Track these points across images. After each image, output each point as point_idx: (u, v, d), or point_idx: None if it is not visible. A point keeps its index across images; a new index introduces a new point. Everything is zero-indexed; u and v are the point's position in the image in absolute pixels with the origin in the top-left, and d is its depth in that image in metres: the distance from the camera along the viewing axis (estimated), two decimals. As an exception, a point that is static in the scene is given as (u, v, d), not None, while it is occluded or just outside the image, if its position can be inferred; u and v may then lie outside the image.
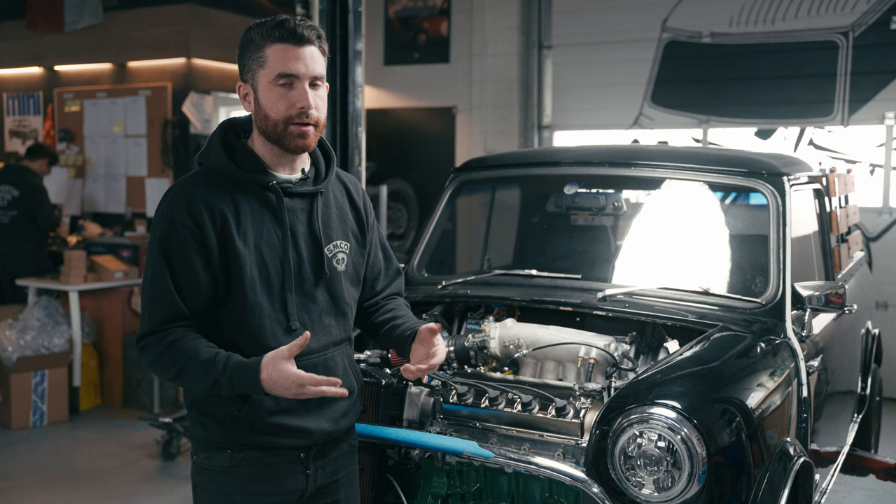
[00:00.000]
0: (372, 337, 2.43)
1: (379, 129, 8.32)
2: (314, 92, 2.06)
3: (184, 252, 2.00)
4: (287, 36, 2.02)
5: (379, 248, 2.39)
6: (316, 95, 2.06)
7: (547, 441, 2.60)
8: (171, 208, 2.03)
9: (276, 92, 2.03)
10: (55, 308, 6.32)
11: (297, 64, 2.02)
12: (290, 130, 2.04)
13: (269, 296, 2.05)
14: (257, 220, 2.06)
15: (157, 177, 7.96)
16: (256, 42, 2.05)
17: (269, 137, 2.08)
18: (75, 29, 8.09)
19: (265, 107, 2.05)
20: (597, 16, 7.77)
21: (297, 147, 2.07)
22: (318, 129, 2.09)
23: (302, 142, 2.06)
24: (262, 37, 2.04)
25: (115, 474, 5.11)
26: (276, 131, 2.05)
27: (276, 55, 2.02)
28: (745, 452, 2.39)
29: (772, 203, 3.23)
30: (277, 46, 2.02)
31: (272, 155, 2.11)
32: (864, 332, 4.45)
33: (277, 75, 2.02)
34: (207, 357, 1.95)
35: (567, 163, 3.71)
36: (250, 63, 2.06)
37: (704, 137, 7.41)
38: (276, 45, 2.03)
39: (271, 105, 2.04)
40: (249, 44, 2.06)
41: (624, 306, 3.07)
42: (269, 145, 2.10)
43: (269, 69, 2.03)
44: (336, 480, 2.21)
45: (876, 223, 6.77)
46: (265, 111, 2.05)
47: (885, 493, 4.70)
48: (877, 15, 6.73)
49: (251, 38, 2.06)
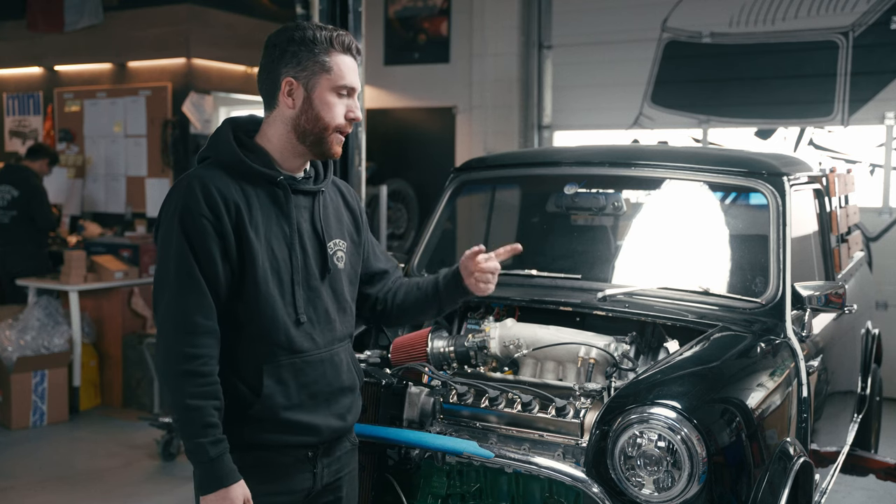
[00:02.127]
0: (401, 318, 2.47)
1: (379, 129, 8.32)
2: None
3: (204, 242, 1.99)
4: (351, 49, 2.13)
5: (375, 246, 2.45)
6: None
7: (547, 441, 2.60)
8: (187, 199, 2.00)
9: (335, 99, 2.10)
10: (55, 308, 6.32)
11: (355, 78, 2.14)
12: (335, 138, 2.13)
13: (280, 288, 2.07)
14: (266, 213, 2.08)
15: (157, 177, 7.96)
16: (322, 45, 2.08)
17: (306, 137, 2.10)
18: (75, 29, 8.09)
19: (319, 109, 2.09)
20: (597, 16, 7.77)
21: (334, 153, 2.15)
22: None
23: (338, 149, 2.15)
24: (328, 42, 2.08)
25: (115, 474, 5.12)
26: (323, 134, 2.10)
27: (343, 65, 2.10)
28: (745, 452, 2.39)
29: (772, 203, 3.23)
30: (344, 57, 2.11)
31: (287, 153, 2.13)
32: (864, 332, 4.45)
33: (342, 85, 2.10)
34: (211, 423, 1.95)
35: (567, 163, 3.71)
36: (310, 64, 2.07)
37: (704, 137, 7.41)
38: (342, 56, 2.10)
39: (328, 109, 2.09)
40: (313, 43, 2.07)
41: (624, 306, 3.07)
42: (294, 144, 2.11)
43: (336, 77, 2.09)
44: (340, 478, 2.23)
45: (876, 223, 6.77)
46: (318, 112, 2.09)
47: (885, 493, 4.70)
48: (877, 15, 6.73)
49: (315, 37, 2.07)
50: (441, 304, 2.40)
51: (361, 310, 2.42)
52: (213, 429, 1.95)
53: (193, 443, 1.95)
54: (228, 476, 1.96)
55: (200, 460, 1.95)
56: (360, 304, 2.40)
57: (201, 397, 1.95)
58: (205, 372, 1.97)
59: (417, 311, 2.45)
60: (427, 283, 2.41)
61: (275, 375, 2.05)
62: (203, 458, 1.95)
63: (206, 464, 1.95)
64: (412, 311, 2.44)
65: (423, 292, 2.40)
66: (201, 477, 1.97)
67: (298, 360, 2.08)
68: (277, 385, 2.05)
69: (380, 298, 2.43)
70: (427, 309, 2.43)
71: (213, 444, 1.95)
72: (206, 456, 1.94)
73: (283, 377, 2.06)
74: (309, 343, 2.10)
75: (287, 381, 2.07)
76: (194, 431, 1.95)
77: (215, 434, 1.96)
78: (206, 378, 1.97)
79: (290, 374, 2.07)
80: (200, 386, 1.96)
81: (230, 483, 1.96)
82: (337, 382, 2.16)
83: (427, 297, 2.40)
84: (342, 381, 2.17)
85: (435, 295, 2.39)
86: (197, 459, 1.96)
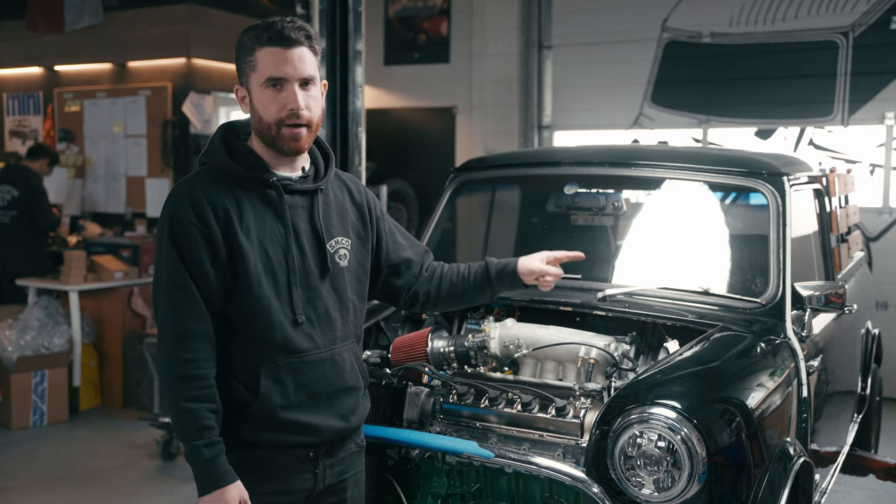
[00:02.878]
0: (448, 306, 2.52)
1: (379, 129, 8.32)
2: (305, 93, 2.08)
3: (194, 249, 2.01)
4: (276, 38, 2.05)
5: (397, 233, 2.42)
6: (307, 96, 2.08)
7: (547, 441, 2.60)
8: (175, 207, 2.04)
9: (266, 94, 2.06)
10: (55, 308, 6.32)
11: (285, 66, 2.05)
12: (283, 133, 2.07)
13: (276, 290, 2.06)
14: (259, 216, 2.08)
15: (157, 177, 7.96)
16: (248, 46, 2.08)
17: (264, 140, 2.11)
18: (75, 29, 8.09)
19: (258, 109, 2.08)
20: (597, 16, 7.77)
21: (290, 149, 2.09)
22: (312, 129, 2.11)
23: (295, 144, 2.09)
24: (253, 40, 2.07)
25: (115, 474, 5.12)
26: (270, 133, 2.08)
27: (266, 58, 2.05)
28: (745, 452, 2.39)
29: (772, 203, 3.23)
30: (267, 49, 2.05)
31: (270, 156, 2.13)
32: (864, 332, 4.45)
33: (267, 79, 2.06)
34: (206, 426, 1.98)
35: (567, 163, 3.71)
36: (244, 67, 2.10)
37: (704, 137, 7.41)
38: (265, 49, 2.05)
39: (263, 108, 2.07)
40: (242, 48, 2.09)
41: (624, 306, 3.07)
42: (265, 147, 2.12)
43: (260, 72, 2.06)
44: (344, 480, 2.22)
45: (876, 223, 6.77)
46: (258, 114, 2.08)
47: (885, 493, 4.70)
48: (877, 15, 6.73)
49: (243, 42, 2.09)
50: (493, 295, 2.48)
51: (397, 301, 2.44)
52: (207, 431, 1.97)
53: (189, 445, 1.98)
54: (224, 477, 1.98)
55: (196, 462, 1.98)
56: (393, 297, 2.42)
57: (196, 400, 1.97)
58: (199, 375, 1.99)
59: (468, 300, 2.50)
60: (475, 275, 2.44)
61: (272, 375, 2.05)
62: (199, 459, 1.97)
63: (202, 465, 1.97)
64: (462, 300, 2.48)
65: (474, 284, 2.44)
66: (198, 478, 1.99)
67: (297, 360, 2.08)
68: (275, 385, 2.06)
69: (419, 290, 2.42)
70: (478, 299, 2.51)
71: (208, 447, 1.97)
72: (201, 458, 1.97)
73: (281, 377, 2.06)
74: (308, 343, 2.09)
75: (285, 381, 2.07)
76: (190, 434, 1.97)
77: (210, 436, 1.98)
78: (201, 381, 1.99)
79: (287, 374, 2.07)
80: (195, 389, 1.98)
81: (226, 484, 1.98)
82: (339, 382, 2.15)
83: (478, 288, 2.45)
84: (345, 381, 2.17)
85: (487, 287, 2.45)
86: (193, 461, 1.99)
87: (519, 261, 2.43)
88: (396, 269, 2.38)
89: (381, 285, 2.39)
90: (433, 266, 2.47)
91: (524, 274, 2.42)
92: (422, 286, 2.42)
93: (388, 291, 2.41)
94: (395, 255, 2.38)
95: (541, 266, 2.42)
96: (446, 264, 2.49)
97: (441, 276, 2.44)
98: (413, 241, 2.47)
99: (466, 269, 2.46)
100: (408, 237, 2.46)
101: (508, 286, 2.45)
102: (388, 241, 2.37)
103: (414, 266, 2.41)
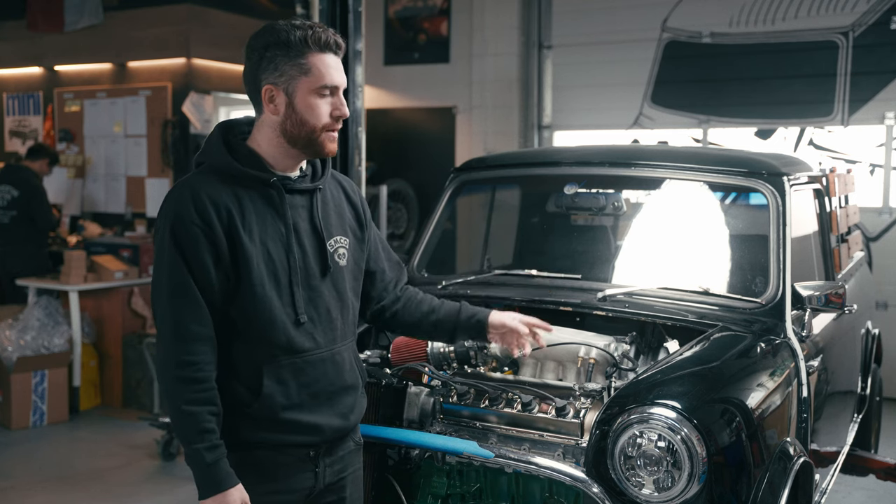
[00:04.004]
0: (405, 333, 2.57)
1: (379, 129, 8.32)
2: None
3: (196, 250, 1.99)
4: (330, 45, 2.06)
5: (378, 243, 2.42)
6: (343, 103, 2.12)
7: (547, 441, 2.60)
8: (178, 207, 2.01)
9: (318, 100, 2.06)
10: (55, 308, 6.32)
11: (339, 75, 2.08)
12: (326, 136, 2.09)
13: (278, 289, 2.06)
14: (260, 215, 2.07)
15: (157, 177, 7.96)
16: (297, 48, 2.03)
17: (297, 141, 2.08)
18: (75, 29, 8.09)
19: (303, 112, 2.05)
20: (597, 16, 7.77)
21: (328, 151, 2.11)
22: None
23: (333, 147, 2.11)
24: (303, 44, 2.02)
25: (115, 474, 5.12)
26: (312, 136, 2.07)
27: (322, 65, 2.04)
28: (745, 452, 2.39)
29: (772, 203, 3.23)
30: (322, 56, 2.05)
31: (279, 156, 2.11)
32: (864, 332, 4.45)
33: (323, 85, 2.05)
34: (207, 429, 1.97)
35: (567, 163, 3.71)
36: (288, 68, 2.04)
37: (704, 137, 7.41)
38: (320, 55, 2.05)
39: (312, 112, 2.05)
40: (287, 48, 2.03)
41: (624, 306, 3.07)
42: (286, 147, 2.09)
43: (315, 78, 2.04)
44: (343, 478, 2.22)
45: (876, 223, 6.77)
46: (302, 117, 2.05)
47: (885, 493, 4.70)
48: (877, 15, 6.73)
49: (289, 41, 2.02)
50: (454, 338, 2.50)
51: (363, 310, 2.41)
52: (208, 434, 1.97)
53: (191, 448, 1.97)
54: (225, 480, 1.98)
55: (198, 465, 1.97)
56: (370, 306, 2.42)
57: (196, 403, 1.97)
58: (200, 378, 1.98)
59: (425, 334, 2.55)
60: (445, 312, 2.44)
61: (275, 376, 2.05)
62: (200, 463, 1.97)
63: (204, 469, 1.97)
64: (422, 331, 2.50)
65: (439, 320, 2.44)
66: (199, 481, 1.99)
67: (299, 360, 2.08)
68: (278, 385, 2.06)
69: (386, 306, 2.42)
70: (437, 337, 2.55)
71: (209, 450, 1.96)
72: (202, 461, 1.96)
73: (284, 377, 2.06)
74: (310, 343, 2.09)
75: (287, 381, 2.07)
76: (191, 437, 1.97)
77: (211, 439, 1.97)
78: (202, 384, 1.98)
79: (290, 374, 2.07)
80: (196, 392, 1.97)
81: (227, 487, 1.97)
82: (339, 381, 2.15)
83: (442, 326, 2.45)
84: (344, 381, 2.17)
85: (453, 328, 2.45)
86: (194, 464, 1.98)
87: (491, 312, 2.44)
88: (371, 276, 2.38)
89: None
90: (407, 289, 2.47)
91: (494, 326, 2.42)
92: (390, 304, 2.42)
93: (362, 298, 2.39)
94: (373, 263, 2.38)
95: (512, 323, 2.42)
96: (421, 292, 2.49)
97: (411, 301, 2.45)
98: (391, 253, 2.48)
99: (439, 304, 2.47)
100: (387, 249, 2.47)
101: (474, 334, 2.46)
102: (370, 248, 2.37)
103: (386, 278, 2.41)
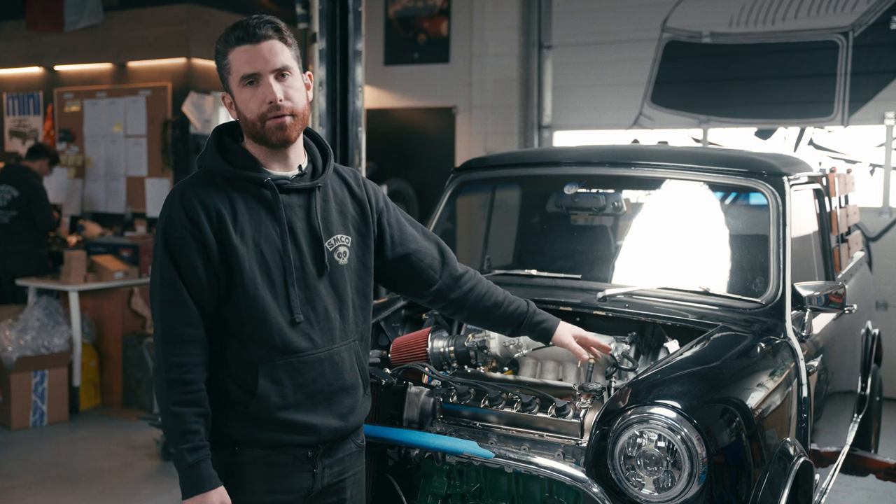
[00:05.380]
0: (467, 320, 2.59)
1: (379, 129, 8.32)
2: (283, 83, 2.08)
3: (186, 252, 2.02)
4: (243, 37, 2.06)
5: (406, 224, 2.40)
6: (285, 86, 2.08)
7: (547, 441, 2.60)
8: (170, 209, 2.06)
9: (245, 93, 2.07)
10: (55, 308, 6.33)
11: (256, 61, 2.05)
12: (268, 125, 2.07)
13: (272, 290, 2.06)
14: (254, 216, 2.08)
15: (157, 177, 7.96)
16: (221, 51, 2.10)
17: (254, 138, 2.11)
18: (75, 29, 8.09)
19: (241, 109, 2.09)
20: (597, 16, 7.77)
21: (279, 140, 2.09)
22: (298, 118, 2.10)
23: (282, 133, 2.08)
24: (224, 44, 2.09)
25: (115, 474, 5.12)
26: (257, 130, 2.08)
27: (237, 58, 2.07)
28: (745, 452, 2.39)
29: (772, 203, 3.23)
30: (237, 49, 2.07)
31: (264, 155, 2.13)
32: (864, 332, 4.45)
33: (241, 77, 2.07)
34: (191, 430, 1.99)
35: (567, 163, 3.71)
36: (222, 73, 2.11)
37: (704, 137, 7.41)
38: (235, 49, 2.07)
39: (245, 106, 2.08)
40: (217, 55, 2.11)
41: (624, 306, 3.07)
42: (258, 146, 2.13)
43: (235, 73, 2.08)
44: (343, 480, 2.22)
45: (876, 223, 6.77)
46: (242, 114, 2.09)
47: (885, 493, 4.70)
48: (877, 15, 6.73)
49: (217, 49, 2.11)
50: (514, 333, 2.60)
51: (422, 294, 2.45)
52: (192, 435, 1.99)
53: (175, 448, 2.00)
54: (206, 482, 1.99)
55: (180, 465, 2.00)
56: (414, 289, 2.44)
57: (182, 404, 1.99)
58: (187, 380, 2.00)
59: (489, 326, 2.62)
60: (513, 310, 2.53)
61: (270, 376, 2.05)
62: (182, 463, 1.99)
63: (185, 469, 1.99)
64: (485, 323, 2.59)
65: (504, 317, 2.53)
66: (181, 481, 2.01)
67: (295, 360, 2.08)
68: (273, 385, 2.06)
69: (443, 290, 2.44)
70: (500, 331, 2.62)
71: (192, 451, 1.98)
72: (184, 462, 1.99)
73: (279, 377, 2.06)
74: (306, 343, 2.09)
75: (282, 380, 2.07)
76: (175, 437, 2.00)
77: (194, 441, 1.99)
78: (189, 386, 2.00)
79: (285, 374, 2.07)
80: (183, 394, 1.99)
81: (208, 489, 1.99)
82: (338, 382, 2.15)
83: (506, 322, 2.55)
84: (344, 381, 2.16)
85: (516, 326, 2.56)
86: (177, 464, 2.01)
87: (558, 328, 2.57)
88: (407, 260, 2.36)
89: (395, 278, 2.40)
90: (473, 277, 2.50)
91: (557, 343, 2.58)
92: (447, 288, 2.44)
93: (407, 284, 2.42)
94: (401, 247, 2.35)
95: (573, 347, 2.57)
96: (485, 282, 2.53)
97: (479, 294, 2.49)
98: (428, 234, 2.46)
99: (504, 300, 2.53)
100: (422, 229, 2.45)
101: (536, 338, 2.60)
102: (392, 233, 2.34)
103: (426, 259, 2.40)
